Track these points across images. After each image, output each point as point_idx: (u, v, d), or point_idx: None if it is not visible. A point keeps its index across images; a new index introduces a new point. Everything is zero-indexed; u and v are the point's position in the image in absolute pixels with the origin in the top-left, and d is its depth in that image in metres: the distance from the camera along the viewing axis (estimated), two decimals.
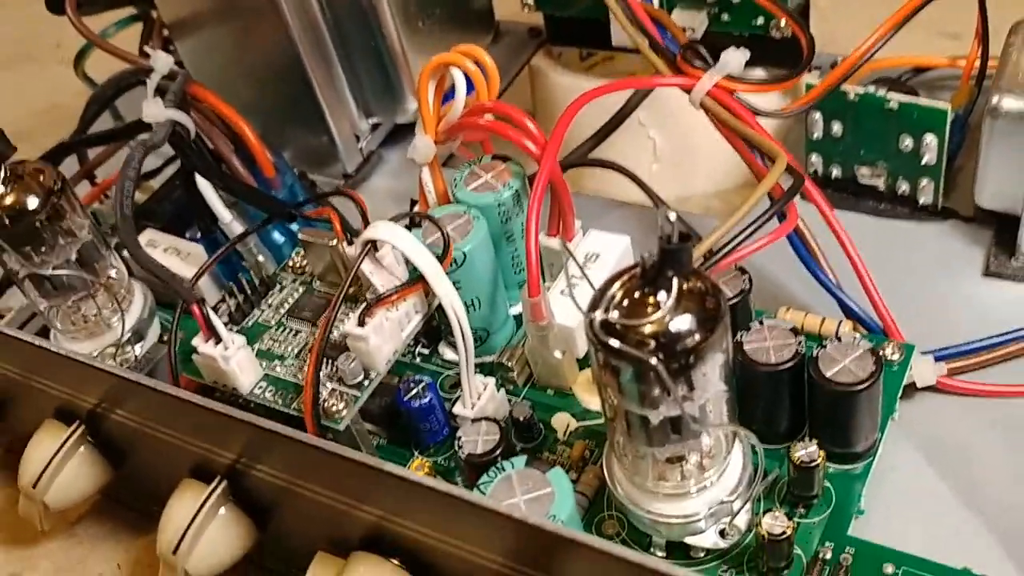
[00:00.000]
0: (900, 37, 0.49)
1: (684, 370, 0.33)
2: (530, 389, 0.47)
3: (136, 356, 0.50)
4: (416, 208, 0.51)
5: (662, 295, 0.32)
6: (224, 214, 0.53)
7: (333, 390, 0.41)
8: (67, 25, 0.61)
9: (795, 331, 0.40)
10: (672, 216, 0.31)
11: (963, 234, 0.52)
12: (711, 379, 0.34)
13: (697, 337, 0.32)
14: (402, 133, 0.66)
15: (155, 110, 0.50)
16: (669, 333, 0.32)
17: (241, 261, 0.53)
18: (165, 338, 0.52)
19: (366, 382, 0.41)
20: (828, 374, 0.39)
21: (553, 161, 0.44)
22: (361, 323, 0.41)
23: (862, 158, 0.53)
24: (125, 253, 0.51)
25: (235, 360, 0.42)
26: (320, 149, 0.63)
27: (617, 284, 0.34)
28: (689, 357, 0.33)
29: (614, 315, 0.33)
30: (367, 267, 0.42)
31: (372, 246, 0.42)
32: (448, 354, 0.49)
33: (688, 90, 0.48)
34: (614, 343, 0.32)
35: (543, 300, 0.43)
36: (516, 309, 0.49)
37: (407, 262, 0.44)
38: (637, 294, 0.33)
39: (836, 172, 0.55)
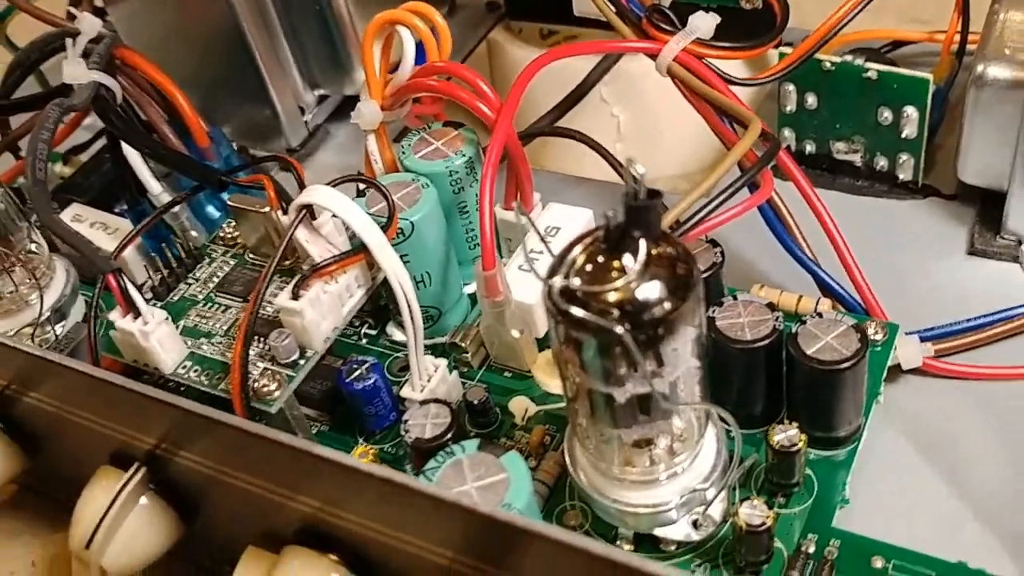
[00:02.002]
0: (871, 21, 0.46)
1: (653, 342, 0.30)
2: (486, 371, 0.43)
3: (56, 336, 0.46)
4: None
5: (628, 259, 0.29)
6: (153, 184, 0.49)
7: (265, 370, 0.37)
8: None
9: (771, 307, 0.37)
10: (640, 170, 0.28)
11: (945, 212, 0.49)
12: (682, 354, 0.31)
13: (667, 306, 0.29)
14: (351, 105, 0.62)
15: (77, 71, 0.46)
16: (636, 301, 0.29)
17: (172, 236, 0.49)
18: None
19: (302, 361, 0.38)
20: (809, 351, 0.36)
21: (508, 124, 0.41)
22: (295, 296, 0.37)
23: (838, 132, 0.50)
24: None
25: (155, 336, 0.38)
26: (262, 123, 0.59)
27: (579, 248, 0.30)
28: (658, 328, 0.29)
29: (575, 282, 0.29)
30: (302, 235, 0.38)
31: (308, 212, 0.38)
32: (397, 335, 0.45)
33: (654, 56, 0.45)
34: (576, 311, 0.29)
35: (498, 274, 0.40)
36: (472, 288, 0.45)
37: (348, 231, 0.40)
38: (601, 258, 0.30)
39: (810, 148, 0.52)
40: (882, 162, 0.50)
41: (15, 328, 0.46)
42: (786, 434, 0.35)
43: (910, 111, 0.47)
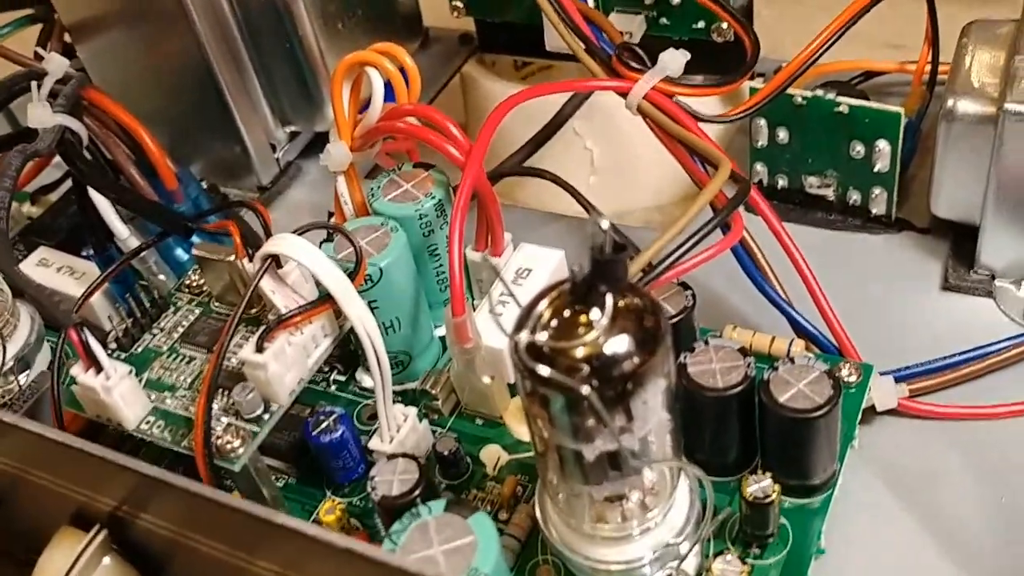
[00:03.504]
0: (844, 49, 0.46)
1: (622, 398, 0.29)
2: (457, 418, 0.42)
3: (20, 386, 0.45)
4: (332, 221, 0.47)
5: (595, 313, 0.29)
6: (120, 229, 0.48)
7: (229, 425, 0.37)
8: None
9: (743, 351, 0.37)
10: (604, 224, 0.28)
11: (919, 246, 0.49)
12: (652, 407, 0.31)
13: (636, 360, 0.29)
14: (323, 142, 0.61)
15: (42, 114, 0.46)
16: (604, 356, 0.28)
17: (140, 281, 0.49)
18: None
19: (266, 416, 0.37)
20: (781, 399, 0.35)
21: (478, 167, 0.41)
22: (259, 349, 0.36)
23: (810, 167, 0.50)
24: None
25: (118, 392, 0.37)
26: (233, 160, 0.59)
27: (545, 301, 0.30)
28: (627, 383, 0.29)
29: (541, 337, 0.29)
30: (267, 285, 0.37)
31: (274, 261, 0.38)
32: (367, 381, 0.44)
33: (624, 94, 0.45)
34: (542, 370, 0.28)
35: (468, 320, 0.39)
36: (442, 331, 0.45)
37: (315, 280, 0.39)
38: (567, 312, 0.29)
39: (783, 182, 0.51)
40: (855, 196, 0.50)
41: None
42: (759, 485, 0.35)
43: (882, 145, 0.47)
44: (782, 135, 0.49)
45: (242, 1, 0.54)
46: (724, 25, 0.54)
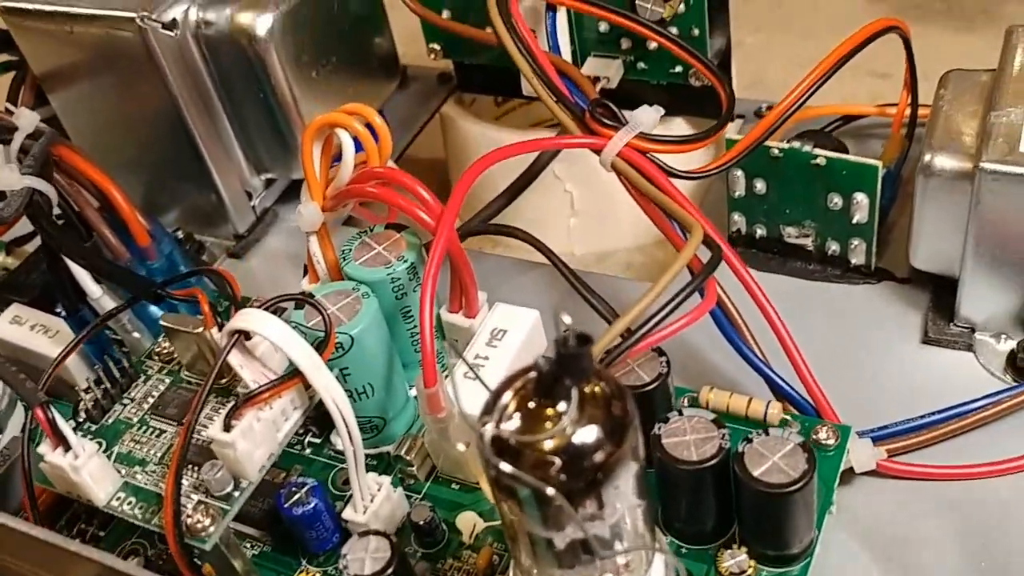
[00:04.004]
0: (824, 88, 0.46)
1: (592, 488, 0.29)
2: (433, 483, 0.42)
3: None
4: (306, 279, 0.46)
5: (561, 405, 0.28)
6: (93, 289, 0.47)
7: (199, 503, 0.36)
8: None
9: (717, 422, 0.36)
10: (567, 319, 0.27)
11: (899, 297, 0.49)
12: (624, 492, 0.30)
13: (605, 451, 0.28)
14: (299, 188, 0.61)
15: (9, 177, 0.45)
16: (572, 449, 0.28)
17: (114, 335, 0.48)
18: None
19: (236, 493, 0.36)
20: (756, 473, 0.35)
21: (449, 233, 0.40)
22: (227, 427, 0.36)
23: (788, 217, 0.50)
24: None
25: (86, 471, 0.36)
26: (208, 208, 0.58)
27: (510, 392, 0.29)
28: (597, 474, 0.28)
29: (507, 427, 0.28)
30: (236, 360, 0.37)
31: (242, 335, 0.37)
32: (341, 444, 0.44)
33: (598, 151, 0.44)
34: (507, 468, 0.28)
35: (441, 391, 0.39)
36: (415, 391, 0.44)
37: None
38: (533, 404, 0.29)
39: (761, 231, 0.51)
40: (834, 246, 0.49)
41: None
42: (735, 560, 0.35)
43: (860, 197, 0.47)
44: (759, 186, 0.49)
45: (213, 49, 0.53)
46: None
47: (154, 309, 0.50)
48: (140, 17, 0.51)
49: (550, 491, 0.27)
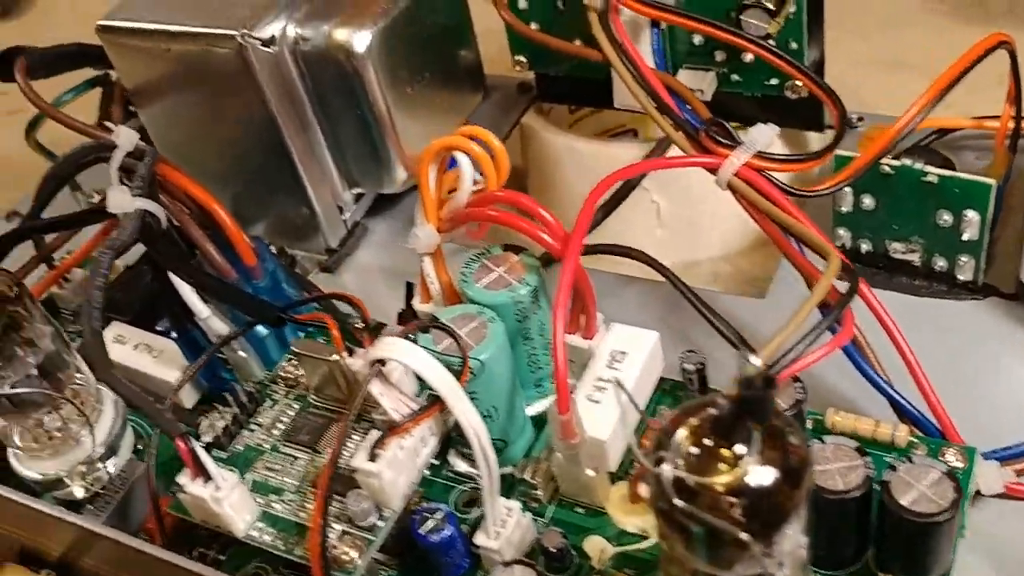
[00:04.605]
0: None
1: (767, 530, 0.29)
2: (557, 507, 0.42)
3: (110, 475, 0.45)
4: (416, 299, 0.46)
5: (740, 448, 0.28)
6: (201, 309, 0.47)
7: (343, 533, 0.36)
8: None
9: (860, 450, 0.36)
10: (756, 361, 0.27)
11: (1007, 312, 0.48)
12: (794, 531, 0.30)
13: (785, 493, 0.28)
14: (387, 201, 0.61)
15: (122, 199, 0.45)
16: (752, 491, 0.28)
17: (221, 357, 0.48)
18: (140, 446, 0.47)
19: (380, 523, 0.36)
20: (905, 502, 0.35)
21: (577, 260, 0.40)
22: (373, 457, 0.36)
23: (895, 233, 0.49)
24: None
25: (228, 502, 0.36)
26: (299, 222, 0.58)
27: (684, 430, 0.29)
28: (775, 516, 0.28)
29: (685, 471, 0.28)
30: (376, 389, 0.37)
31: (380, 364, 0.37)
32: (460, 465, 0.44)
33: (714, 170, 0.44)
34: (696, 512, 0.28)
35: (574, 416, 0.39)
36: (532, 410, 0.45)
37: (417, 376, 0.39)
38: (709, 443, 0.29)
39: (866, 246, 0.51)
40: (941, 262, 0.49)
41: (66, 469, 0.44)
42: None
43: (971, 215, 0.47)
44: (867, 201, 0.49)
45: (309, 65, 0.53)
46: (799, 83, 0.54)
47: (260, 328, 0.50)
48: (241, 35, 0.51)
49: (744, 536, 0.27)
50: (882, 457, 0.39)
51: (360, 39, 0.52)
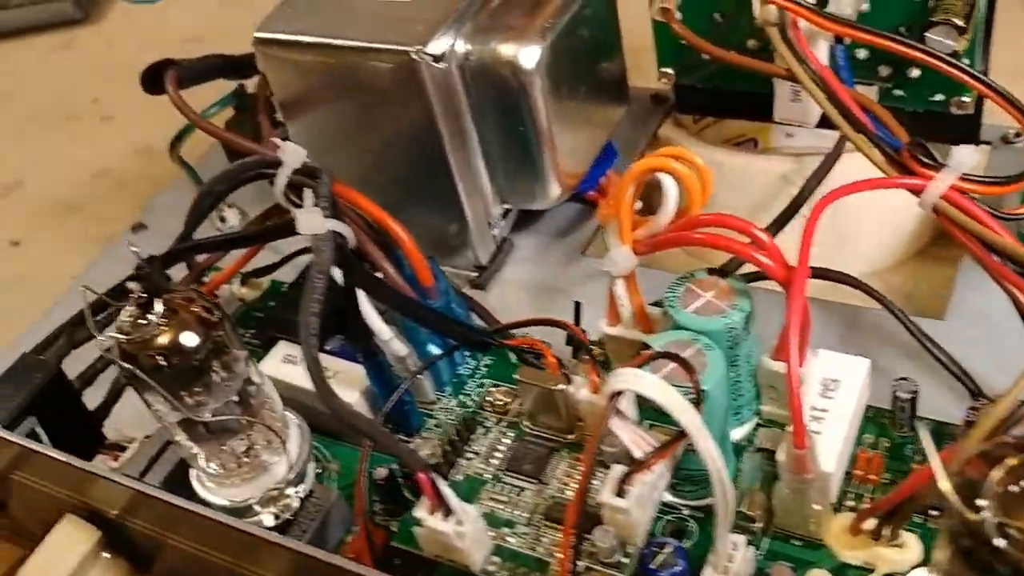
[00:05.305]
0: None
1: None
2: (772, 539, 0.41)
3: (300, 501, 0.44)
4: (604, 321, 0.46)
5: None
6: (384, 330, 0.47)
7: (587, 569, 0.35)
8: (102, 78, 0.55)
9: None
10: None
11: None
12: None
13: None
14: (531, 216, 0.60)
15: (314, 221, 0.44)
16: None
17: (391, 370, 0.47)
18: (318, 470, 0.46)
19: (624, 560, 0.36)
20: None
21: (803, 288, 0.39)
22: (621, 493, 0.35)
23: None
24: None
25: (470, 537, 0.36)
26: (449, 237, 0.57)
27: (999, 471, 0.28)
28: None
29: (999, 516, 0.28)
30: (616, 423, 0.36)
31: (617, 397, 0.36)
32: (665, 496, 0.43)
33: (917, 192, 0.43)
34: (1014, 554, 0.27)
35: (810, 452, 0.38)
36: (735, 434, 0.44)
37: (639, 405, 0.38)
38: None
39: None
40: None
41: (257, 495, 0.43)
42: None
43: None
44: None
45: (474, 80, 0.52)
46: (966, 98, 0.53)
47: (431, 348, 0.49)
48: (415, 51, 0.50)
49: None
50: None
51: (527, 55, 0.51)
